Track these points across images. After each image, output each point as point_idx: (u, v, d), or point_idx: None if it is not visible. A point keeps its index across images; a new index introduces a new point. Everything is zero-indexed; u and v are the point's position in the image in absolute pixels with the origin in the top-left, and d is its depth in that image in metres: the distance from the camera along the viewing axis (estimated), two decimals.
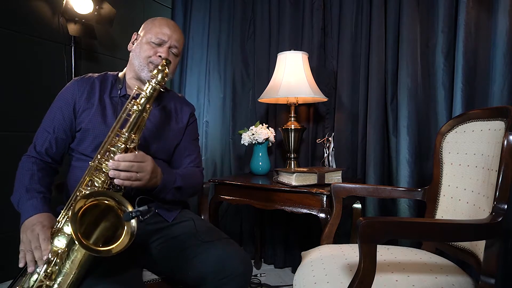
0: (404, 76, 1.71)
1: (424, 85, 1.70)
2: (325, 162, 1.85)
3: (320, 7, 2.02)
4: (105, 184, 0.90)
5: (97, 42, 2.05)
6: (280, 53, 1.88)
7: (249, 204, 1.65)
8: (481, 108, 1.13)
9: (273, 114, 2.22)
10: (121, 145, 0.91)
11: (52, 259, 0.81)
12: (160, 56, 1.10)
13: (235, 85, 2.34)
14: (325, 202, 1.44)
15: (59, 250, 0.81)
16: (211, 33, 2.46)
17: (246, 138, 1.90)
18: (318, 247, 1.18)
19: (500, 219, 0.80)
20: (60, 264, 0.81)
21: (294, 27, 2.13)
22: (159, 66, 0.99)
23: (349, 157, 1.94)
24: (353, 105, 1.94)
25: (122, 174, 0.88)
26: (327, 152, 1.84)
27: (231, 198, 1.71)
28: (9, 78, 1.66)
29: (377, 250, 0.71)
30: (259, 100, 1.94)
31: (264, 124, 1.94)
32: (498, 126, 0.95)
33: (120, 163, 0.88)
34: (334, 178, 1.56)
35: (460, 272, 0.92)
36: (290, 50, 1.85)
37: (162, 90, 0.99)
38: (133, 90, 1.15)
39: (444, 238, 0.93)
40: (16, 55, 1.69)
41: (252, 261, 1.30)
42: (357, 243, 0.73)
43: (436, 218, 1.16)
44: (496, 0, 1.47)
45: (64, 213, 0.89)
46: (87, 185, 0.90)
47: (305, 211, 1.47)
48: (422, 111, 1.70)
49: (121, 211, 0.84)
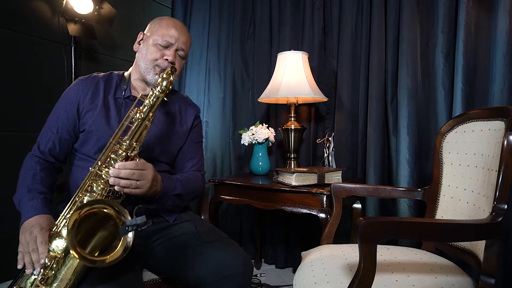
0: (404, 76, 1.71)
1: (424, 85, 1.70)
2: (325, 162, 1.85)
3: (320, 7, 2.02)
4: (104, 192, 0.89)
5: (97, 42, 2.05)
6: (280, 53, 1.87)
7: (249, 204, 1.65)
8: (481, 108, 1.13)
9: (273, 114, 2.22)
10: (122, 152, 0.91)
11: (49, 264, 0.80)
12: (166, 60, 1.09)
13: (235, 85, 2.34)
14: (325, 202, 1.44)
15: (56, 255, 0.81)
16: (211, 33, 2.46)
17: (246, 138, 1.90)
18: (318, 247, 1.18)
19: (500, 219, 0.80)
20: (56, 269, 0.80)
21: (294, 27, 2.13)
22: (164, 74, 0.98)
23: (349, 157, 1.94)
24: (353, 105, 1.94)
25: (122, 182, 0.88)
26: (327, 152, 1.84)
27: (231, 198, 1.71)
28: (9, 78, 1.66)
29: (377, 250, 0.71)
30: (259, 100, 1.94)
31: (264, 124, 1.94)
32: (498, 126, 0.95)
33: (121, 170, 0.88)
34: (334, 178, 1.56)
35: (460, 272, 0.92)
36: (290, 50, 1.85)
37: (165, 99, 0.97)
38: (138, 91, 1.15)
39: (444, 238, 0.93)
40: (16, 55, 1.69)
41: (252, 261, 1.30)
42: (357, 243, 0.73)
43: (436, 218, 1.16)
44: (496, 0, 1.47)
45: (63, 217, 0.89)
46: (87, 190, 0.89)
47: (305, 211, 1.47)
48: (422, 111, 1.70)
49: (119, 220, 0.84)
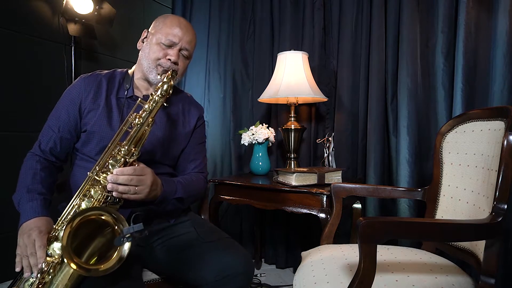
0: (404, 76, 1.71)
1: (424, 85, 1.70)
2: (325, 162, 1.85)
3: (320, 7, 2.02)
4: (102, 197, 0.88)
5: (97, 42, 2.05)
6: (280, 53, 1.87)
7: (249, 204, 1.65)
8: (481, 108, 1.13)
9: (273, 114, 2.22)
10: (121, 158, 0.90)
11: (46, 269, 0.80)
12: (169, 60, 1.07)
13: (235, 85, 2.34)
14: (325, 202, 1.44)
15: (53, 260, 0.81)
16: (211, 33, 2.46)
17: (246, 138, 1.90)
18: (318, 247, 1.18)
19: (500, 219, 0.80)
20: (52, 274, 0.80)
21: (294, 27, 2.13)
22: (165, 78, 0.97)
23: (349, 157, 1.94)
24: (353, 105, 1.94)
25: (120, 188, 0.87)
26: (327, 152, 1.84)
27: (231, 198, 1.71)
28: (9, 78, 1.65)
29: (377, 250, 0.71)
30: (259, 100, 1.94)
31: (264, 124, 1.94)
32: (498, 126, 0.95)
33: (119, 176, 0.86)
34: (334, 178, 1.56)
35: (460, 272, 0.92)
36: (290, 50, 1.85)
37: (165, 105, 0.96)
38: (140, 91, 1.14)
39: (444, 238, 0.93)
40: (16, 55, 1.68)
41: (253, 261, 1.30)
42: (357, 243, 0.73)
43: (436, 218, 1.16)
44: (496, 0, 1.47)
45: (61, 221, 0.88)
46: (85, 195, 0.88)
47: (305, 211, 1.47)
48: (422, 111, 1.70)
49: (118, 228, 0.82)
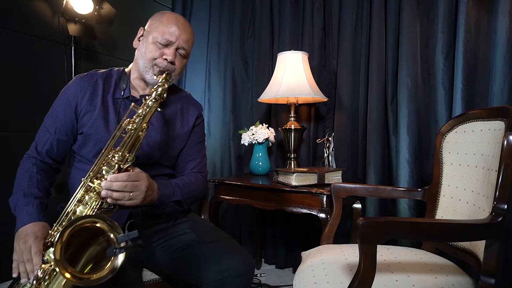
0: (404, 76, 1.71)
1: (424, 85, 1.70)
2: (325, 162, 1.85)
3: (320, 7, 2.02)
4: (96, 204, 0.87)
5: (97, 42, 2.05)
6: (280, 53, 1.87)
7: (249, 204, 1.65)
8: (481, 108, 1.13)
9: (273, 114, 2.22)
10: (115, 164, 0.88)
11: (41, 275, 0.79)
12: (166, 59, 1.05)
13: (235, 85, 2.34)
14: (325, 202, 1.44)
15: (48, 266, 0.80)
16: (211, 33, 2.46)
17: (246, 138, 1.90)
18: (318, 247, 1.18)
19: (500, 219, 0.80)
20: (48, 281, 0.79)
21: (294, 27, 2.13)
22: (159, 82, 0.95)
23: (349, 157, 1.94)
24: (353, 105, 1.94)
25: (115, 195, 0.86)
26: (327, 152, 1.84)
27: (231, 198, 1.71)
28: (9, 78, 1.65)
29: (377, 250, 0.71)
30: (259, 100, 1.94)
31: (264, 124, 1.94)
32: (498, 126, 0.95)
33: (113, 183, 0.85)
34: (334, 178, 1.56)
35: (460, 272, 0.92)
36: (290, 50, 1.85)
37: (159, 110, 0.95)
38: (137, 91, 1.13)
39: (444, 238, 0.93)
40: (16, 55, 1.68)
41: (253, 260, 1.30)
42: (357, 243, 0.73)
43: (436, 218, 1.16)
44: (496, 0, 1.47)
45: (56, 228, 0.87)
46: (80, 200, 0.87)
47: (305, 211, 1.47)
48: (422, 111, 1.70)
49: (113, 236, 0.81)
